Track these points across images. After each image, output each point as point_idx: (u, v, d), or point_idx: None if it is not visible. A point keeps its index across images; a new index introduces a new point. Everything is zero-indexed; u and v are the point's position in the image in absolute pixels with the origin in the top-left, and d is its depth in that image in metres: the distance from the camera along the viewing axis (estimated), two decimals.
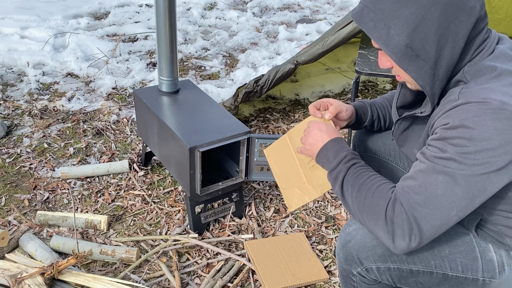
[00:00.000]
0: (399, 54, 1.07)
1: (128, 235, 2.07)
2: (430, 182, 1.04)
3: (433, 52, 1.05)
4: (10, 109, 3.02)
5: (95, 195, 2.31)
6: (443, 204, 1.03)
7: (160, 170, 2.50)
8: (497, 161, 0.98)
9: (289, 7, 5.57)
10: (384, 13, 1.06)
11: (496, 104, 0.97)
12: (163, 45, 2.10)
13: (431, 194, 1.04)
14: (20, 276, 1.59)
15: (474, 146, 0.98)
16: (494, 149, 0.97)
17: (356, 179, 1.17)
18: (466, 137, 0.98)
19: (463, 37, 1.04)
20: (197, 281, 1.85)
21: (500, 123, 0.96)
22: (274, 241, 2.02)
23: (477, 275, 1.19)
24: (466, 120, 0.98)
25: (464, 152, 0.99)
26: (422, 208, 1.04)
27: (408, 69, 1.09)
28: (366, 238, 1.23)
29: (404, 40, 1.05)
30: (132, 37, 4.36)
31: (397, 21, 1.04)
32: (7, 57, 3.68)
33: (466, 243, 1.22)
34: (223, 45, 4.30)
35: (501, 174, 1.00)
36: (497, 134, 0.96)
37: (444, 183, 1.02)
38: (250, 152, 2.01)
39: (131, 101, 3.19)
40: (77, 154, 2.62)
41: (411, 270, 1.22)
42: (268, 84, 2.72)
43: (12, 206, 2.19)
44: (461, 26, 1.03)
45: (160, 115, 2.04)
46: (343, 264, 1.29)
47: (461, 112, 1.00)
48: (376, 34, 1.08)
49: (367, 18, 1.09)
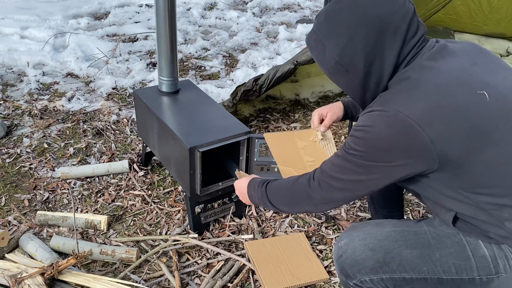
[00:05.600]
0: (330, 69, 1.23)
1: (128, 235, 2.07)
2: (340, 165, 1.24)
3: (361, 68, 1.18)
4: (10, 109, 3.02)
5: (95, 195, 2.31)
6: (350, 182, 1.23)
7: (160, 170, 2.50)
8: (389, 158, 1.13)
9: (289, 7, 5.58)
10: (323, 34, 1.21)
11: (391, 112, 1.11)
12: (163, 45, 2.10)
13: (340, 172, 1.24)
14: (20, 276, 1.59)
15: (370, 145, 1.15)
16: (387, 147, 1.12)
17: (276, 189, 1.43)
18: (364, 137, 1.16)
19: (391, 53, 1.16)
20: (197, 281, 1.85)
21: (393, 129, 1.10)
22: (274, 241, 2.02)
23: (473, 274, 1.19)
24: (366, 125, 1.15)
25: (362, 149, 1.16)
26: (329, 178, 1.26)
27: (339, 83, 1.26)
28: (356, 252, 1.27)
29: (334, 57, 1.20)
30: (132, 37, 4.36)
31: (331, 41, 1.19)
32: (7, 57, 3.68)
33: (456, 243, 1.22)
34: (223, 45, 4.30)
35: (398, 167, 1.14)
36: (390, 137, 1.11)
37: (352, 168, 1.20)
38: (250, 152, 2.01)
39: (131, 101, 3.19)
40: (77, 154, 2.62)
41: (404, 278, 1.23)
42: (267, 84, 2.72)
43: (12, 206, 2.19)
44: (388, 44, 1.15)
45: (160, 115, 2.04)
46: (340, 276, 1.35)
47: (366, 117, 1.17)
48: (315, 53, 1.26)
49: (311, 39, 1.26)
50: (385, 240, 1.26)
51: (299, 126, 3.01)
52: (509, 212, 1.14)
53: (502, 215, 1.15)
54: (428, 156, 1.11)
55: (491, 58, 1.25)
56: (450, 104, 1.10)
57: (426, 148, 1.09)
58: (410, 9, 1.17)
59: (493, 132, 1.10)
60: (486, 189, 1.14)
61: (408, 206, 2.32)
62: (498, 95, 1.13)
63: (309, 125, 3.02)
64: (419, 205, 2.33)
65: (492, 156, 1.11)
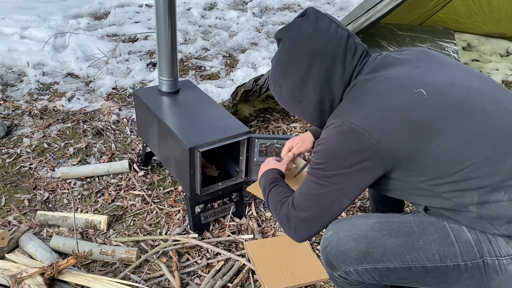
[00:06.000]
0: (287, 103, 1.41)
1: (128, 235, 2.07)
2: (308, 185, 1.32)
3: (312, 96, 1.33)
4: (10, 109, 3.02)
5: (95, 195, 2.31)
6: (319, 198, 1.29)
7: (160, 170, 2.50)
8: (346, 163, 1.21)
9: (289, 7, 5.58)
10: (277, 76, 1.39)
11: (339, 123, 1.22)
12: (163, 45, 2.10)
13: (308, 192, 1.32)
14: (20, 276, 1.59)
15: (326, 155, 1.25)
16: (342, 155, 1.21)
17: (273, 196, 1.50)
18: (320, 150, 1.26)
19: (335, 78, 1.30)
20: (197, 281, 1.85)
21: (342, 136, 1.21)
22: (274, 241, 2.02)
23: (457, 260, 1.20)
24: (322, 140, 1.27)
25: (321, 161, 1.26)
26: (301, 205, 1.33)
27: (296, 113, 1.42)
28: (341, 243, 1.29)
29: (288, 92, 1.37)
30: (132, 37, 4.36)
31: (284, 80, 1.37)
32: (7, 57, 3.68)
33: (440, 229, 1.23)
34: (223, 45, 4.30)
35: (357, 172, 1.22)
36: (341, 145, 1.21)
37: (317, 183, 1.28)
38: (250, 152, 2.01)
39: (131, 101, 3.19)
40: (77, 154, 2.62)
41: (388, 268, 1.24)
42: (267, 84, 2.73)
43: (12, 206, 2.19)
44: (330, 71, 1.29)
45: (160, 115, 2.04)
46: (325, 267, 1.38)
47: (322, 134, 1.29)
48: (275, 92, 1.44)
49: (270, 81, 1.44)
50: (369, 231, 1.28)
51: (299, 126, 3.01)
52: (469, 196, 1.16)
53: (464, 201, 1.17)
54: (379, 156, 1.18)
55: (437, 59, 1.35)
56: (388, 105, 1.19)
57: (374, 149, 1.17)
58: (344, 34, 1.30)
59: (435, 124, 1.16)
60: (442, 178, 1.18)
61: (408, 206, 2.32)
62: (436, 90, 1.20)
63: (309, 124, 3.03)
64: None
65: (439, 146, 1.16)
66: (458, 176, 1.16)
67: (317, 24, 1.31)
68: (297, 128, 3.00)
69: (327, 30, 1.30)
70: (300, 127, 3.00)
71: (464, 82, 1.25)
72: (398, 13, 3.62)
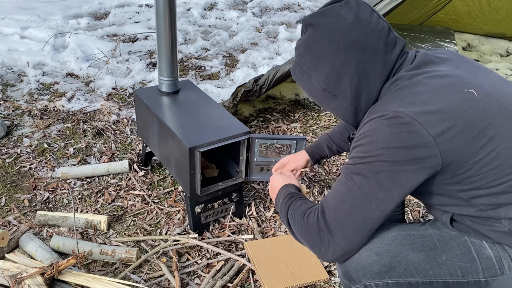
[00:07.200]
0: (319, 97, 1.30)
1: (128, 235, 2.07)
2: (345, 185, 1.17)
3: (348, 90, 1.23)
4: (10, 109, 3.02)
5: (95, 195, 2.31)
6: (360, 199, 1.14)
7: (160, 170, 2.50)
8: (398, 158, 1.09)
9: (289, 7, 5.58)
10: (306, 65, 1.28)
11: (390, 114, 1.11)
12: (163, 45, 2.10)
13: (346, 194, 1.16)
14: (20, 276, 1.59)
15: (376, 148, 1.12)
16: (394, 148, 1.09)
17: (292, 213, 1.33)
18: (367, 143, 1.13)
19: (375, 72, 1.21)
20: (197, 281, 1.85)
21: (396, 128, 1.09)
22: (274, 241, 2.02)
23: (478, 276, 1.18)
24: (368, 131, 1.14)
25: (367, 155, 1.13)
26: (335, 211, 1.17)
27: (328, 108, 1.31)
28: (362, 256, 1.22)
29: (321, 85, 1.26)
30: (132, 37, 4.36)
31: (315, 71, 1.26)
32: (7, 57, 3.68)
33: (461, 245, 1.21)
34: (223, 45, 4.30)
35: (409, 170, 1.10)
36: (394, 137, 1.09)
37: (359, 181, 1.14)
38: (250, 152, 2.01)
39: (131, 101, 3.19)
40: (77, 154, 2.62)
41: (410, 282, 1.21)
42: (267, 84, 2.73)
43: (12, 206, 2.19)
44: (369, 64, 1.20)
45: (160, 115, 2.04)
46: (342, 279, 1.30)
47: (365, 127, 1.17)
48: (302, 83, 1.33)
49: (296, 70, 1.33)
50: (391, 244, 1.22)
51: (299, 126, 3.01)
52: (505, 211, 1.14)
53: (499, 215, 1.15)
54: (433, 155, 1.09)
55: (471, 62, 1.29)
56: (444, 102, 1.11)
57: (430, 145, 1.08)
58: (385, 27, 1.21)
59: (487, 129, 1.11)
60: (484, 189, 1.14)
61: (408, 206, 2.32)
62: (485, 93, 1.14)
63: (309, 124, 3.03)
64: (419, 205, 2.33)
65: (489, 154, 1.10)
66: (500, 188, 1.12)
67: (358, 12, 1.20)
68: (297, 128, 3.00)
69: (369, 20, 1.20)
70: (300, 127, 3.00)
71: (505, 89, 1.20)
72: (398, 13, 3.62)
